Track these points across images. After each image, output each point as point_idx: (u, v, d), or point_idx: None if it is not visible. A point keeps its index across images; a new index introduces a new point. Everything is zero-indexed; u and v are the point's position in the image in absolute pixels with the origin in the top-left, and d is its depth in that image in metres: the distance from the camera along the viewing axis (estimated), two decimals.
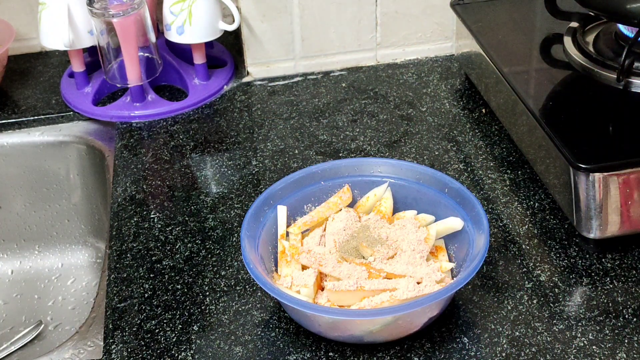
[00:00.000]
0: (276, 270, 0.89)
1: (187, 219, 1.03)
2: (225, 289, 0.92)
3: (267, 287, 0.80)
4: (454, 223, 0.89)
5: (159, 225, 1.02)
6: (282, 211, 0.91)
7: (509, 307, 0.88)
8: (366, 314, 0.79)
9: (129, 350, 0.85)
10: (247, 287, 0.92)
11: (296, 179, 0.93)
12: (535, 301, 0.88)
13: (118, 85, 1.25)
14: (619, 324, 0.85)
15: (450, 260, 0.89)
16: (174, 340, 0.86)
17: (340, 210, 0.92)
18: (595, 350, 0.82)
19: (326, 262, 0.85)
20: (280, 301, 0.83)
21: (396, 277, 0.84)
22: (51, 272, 1.27)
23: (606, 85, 1.03)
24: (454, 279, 0.86)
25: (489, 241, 0.84)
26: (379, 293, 0.82)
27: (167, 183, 1.09)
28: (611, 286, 0.90)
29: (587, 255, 0.94)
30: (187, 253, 0.97)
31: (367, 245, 0.86)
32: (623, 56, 1.00)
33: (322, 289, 0.85)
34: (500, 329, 0.85)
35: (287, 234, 0.91)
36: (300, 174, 0.94)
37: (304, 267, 0.87)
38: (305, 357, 0.83)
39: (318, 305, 0.83)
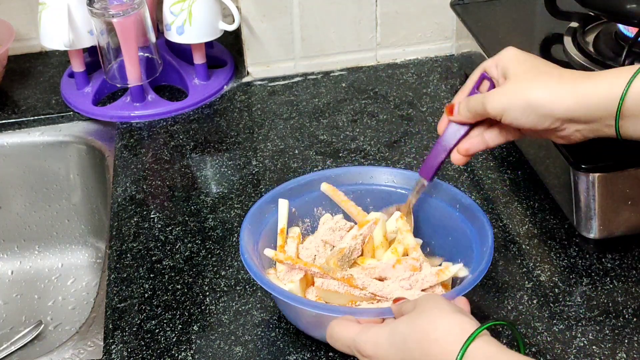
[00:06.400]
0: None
1: (187, 219, 1.03)
2: (225, 289, 0.92)
3: (253, 271, 0.79)
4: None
5: (159, 225, 1.02)
6: (283, 205, 0.90)
7: (509, 307, 0.88)
8: (363, 313, 0.78)
9: (129, 350, 0.85)
10: (247, 287, 0.92)
11: (308, 180, 0.92)
12: (535, 301, 0.88)
13: (118, 85, 1.25)
14: (619, 324, 0.85)
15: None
16: (174, 340, 0.86)
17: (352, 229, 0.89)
18: (595, 350, 0.82)
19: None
20: (268, 292, 0.81)
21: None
22: (51, 272, 1.27)
23: None
24: (453, 289, 0.83)
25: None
26: (367, 299, 0.81)
27: (167, 183, 1.09)
28: (611, 286, 0.90)
29: (587, 255, 0.94)
30: (187, 253, 0.97)
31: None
32: (623, 56, 1.00)
33: (313, 284, 0.84)
34: (500, 329, 0.85)
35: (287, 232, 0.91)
36: (312, 177, 0.92)
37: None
38: (305, 357, 0.83)
39: (302, 298, 0.81)
